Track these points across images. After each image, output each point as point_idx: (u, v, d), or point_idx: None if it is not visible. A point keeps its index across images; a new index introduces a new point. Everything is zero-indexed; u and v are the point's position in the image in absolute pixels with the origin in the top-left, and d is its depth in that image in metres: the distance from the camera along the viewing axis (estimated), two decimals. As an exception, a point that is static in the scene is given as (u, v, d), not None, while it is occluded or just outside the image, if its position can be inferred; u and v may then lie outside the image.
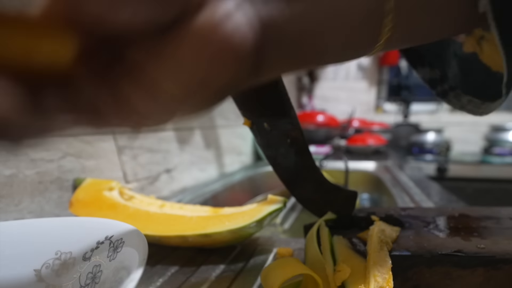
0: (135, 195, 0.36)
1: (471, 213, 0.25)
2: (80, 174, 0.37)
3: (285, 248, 0.29)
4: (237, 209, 0.32)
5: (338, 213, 0.26)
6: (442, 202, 0.45)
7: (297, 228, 0.54)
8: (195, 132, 0.63)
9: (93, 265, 0.19)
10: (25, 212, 0.30)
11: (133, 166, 0.46)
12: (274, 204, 0.29)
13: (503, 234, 0.21)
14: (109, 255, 0.19)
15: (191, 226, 0.28)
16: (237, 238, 0.28)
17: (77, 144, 0.36)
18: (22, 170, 0.30)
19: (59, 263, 0.19)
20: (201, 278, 0.25)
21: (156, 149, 0.51)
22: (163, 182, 0.53)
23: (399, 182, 0.61)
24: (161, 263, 0.28)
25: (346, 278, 0.18)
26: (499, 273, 0.18)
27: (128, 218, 0.30)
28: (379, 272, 0.17)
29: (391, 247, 0.20)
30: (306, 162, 0.25)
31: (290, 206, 0.59)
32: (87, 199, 0.32)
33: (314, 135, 1.07)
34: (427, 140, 1.44)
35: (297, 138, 0.24)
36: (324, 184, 0.25)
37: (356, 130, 1.34)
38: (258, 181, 0.79)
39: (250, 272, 0.26)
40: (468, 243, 0.20)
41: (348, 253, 0.21)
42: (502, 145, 1.39)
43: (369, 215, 0.25)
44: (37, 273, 0.18)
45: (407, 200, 0.47)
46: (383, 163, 0.84)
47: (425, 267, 0.19)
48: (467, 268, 0.19)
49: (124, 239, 0.19)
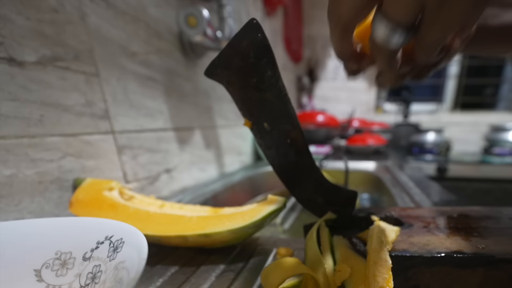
0: (135, 195, 0.36)
1: (471, 213, 0.25)
2: (80, 174, 0.37)
3: (285, 248, 0.29)
4: (237, 209, 0.32)
5: (338, 213, 0.26)
6: (442, 202, 0.45)
7: (297, 228, 0.54)
8: (195, 132, 0.63)
9: (93, 265, 0.19)
10: (25, 212, 0.30)
11: (133, 166, 0.46)
12: (274, 204, 0.29)
13: (503, 234, 0.21)
14: (109, 255, 0.19)
15: (191, 226, 0.28)
16: (237, 238, 0.28)
17: (77, 144, 0.36)
18: (22, 170, 0.30)
19: (59, 263, 0.19)
20: (201, 278, 0.25)
21: (156, 149, 0.51)
22: (163, 182, 0.53)
23: (399, 182, 0.61)
24: (161, 263, 0.28)
25: (346, 278, 0.18)
26: (499, 273, 0.18)
27: (128, 218, 0.30)
28: (379, 272, 0.17)
29: (391, 247, 0.20)
30: (306, 162, 0.25)
31: (290, 206, 0.59)
32: (87, 199, 0.32)
33: (314, 135, 1.07)
34: (427, 140, 1.44)
35: (297, 138, 0.24)
36: (324, 184, 0.25)
37: (356, 130, 1.34)
38: (258, 181, 0.79)
39: (250, 272, 0.26)
40: (468, 243, 0.20)
41: (348, 253, 0.21)
42: (502, 145, 1.39)
43: (369, 215, 0.25)
44: (37, 273, 0.18)
45: (407, 200, 0.47)
46: (383, 163, 0.84)
47: (425, 267, 0.19)
48: (467, 268, 0.19)
49: (124, 239, 0.19)
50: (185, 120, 0.60)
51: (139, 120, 0.47)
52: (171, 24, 0.55)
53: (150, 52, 0.50)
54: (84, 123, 0.37)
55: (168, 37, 0.55)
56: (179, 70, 0.58)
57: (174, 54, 0.56)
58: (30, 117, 0.31)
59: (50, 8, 0.33)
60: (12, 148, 0.29)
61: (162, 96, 0.53)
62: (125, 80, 0.44)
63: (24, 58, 0.30)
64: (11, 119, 0.29)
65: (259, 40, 0.20)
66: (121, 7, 0.43)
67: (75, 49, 0.36)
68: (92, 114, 0.38)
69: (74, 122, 0.36)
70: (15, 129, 0.29)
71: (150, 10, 0.50)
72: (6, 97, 0.29)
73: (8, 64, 0.29)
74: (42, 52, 0.32)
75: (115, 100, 0.42)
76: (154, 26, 0.51)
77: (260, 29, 0.20)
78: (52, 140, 0.33)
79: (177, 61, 0.57)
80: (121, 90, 0.44)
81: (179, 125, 0.58)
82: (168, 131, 0.55)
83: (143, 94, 0.48)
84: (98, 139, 0.39)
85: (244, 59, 0.21)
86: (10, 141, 0.29)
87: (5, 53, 0.29)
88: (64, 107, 0.34)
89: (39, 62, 0.32)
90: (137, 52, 0.47)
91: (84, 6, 0.37)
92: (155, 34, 0.51)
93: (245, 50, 0.21)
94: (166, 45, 0.54)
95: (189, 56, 0.61)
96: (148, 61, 0.49)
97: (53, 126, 0.33)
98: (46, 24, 0.32)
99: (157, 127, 0.52)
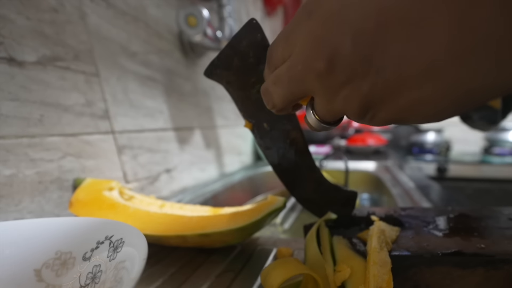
0: (135, 195, 0.36)
1: (471, 213, 0.25)
2: (80, 174, 0.37)
3: (285, 248, 0.29)
4: (237, 209, 0.32)
5: (338, 213, 0.26)
6: (442, 202, 0.45)
7: (297, 228, 0.54)
8: (195, 132, 0.63)
9: (93, 265, 0.19)
10: (25, 212, 0.30)
11: (133, 166, 0.46)
12: (274, 204, 0.29)
13: (503, 234, 0.21)
14: (109, 255, 0.19)
15: (191, 226, 0.28)
16: (237, 238, 0.28)
17: (77, 144, 0.36)
18: (22, 170, 0.30)
19: (59, 263, 0.19)
20: (201, 278, 0.25)
21: (156, 149, 0.51)
22: (163, 182, 0.53)
23: (399, 182, 0.61)
24: (161, 263, 0.28)
25: (346, 278, 0.18)
26: (499, 273, 0.18)
27: (128, 218, 0.30)
28: (379, 272, 0.17)
29: (391, 247, 0.20)
30: (306, 162, 0.25)
31: (290, 206, 0.58)
32: (87, 199, 0.32)
33: (314, 135, 1.07)
34: (427, 140, 1.44)
35: (297, 138, 0.24)
36: (324, 184, 0.25)
37: (356, 130, 1.34)
38: (258, 181, 0.79)
39: (250, 272, 0.26)
40: (468, 243, 0.20)
41: (348, 253, 0.21)
42: (502, 145, 1.39)
43: (369, 215, 0.25)
44: (37, 273, 0.18)
45: (407, 200, 0.47)
46: (383, 163, 0.84)
47: (425, 267, 0.19)
48: (467, 268, 0.19)
49: (124, 239, 0.19)
50: (185, 120, 0.60)
51: (139, 120, 0.47)
52: (171, 24, 0.55)
53: (150, 52, 0.50)
54: (84, 123, 0.37)
55: (168, 37, 0.55)
56: (179, 70, 0.58)
57: (174, 54, 0.56)
58: (30, 117, 0.31)
59: (50, 8, 0.33)
60: (12, 148, 0.29)
61: (162, 96, 0.53)
62: (125, 80, 0.44)
63: (24, 58, 0.30)
64: (11, 119, 0.29)
65: (258, 40, 0.20)
66: (121, 7, 0.43)
67: (75, 49, 0.36)
68: (92, 114, 0.38)
69: (74, 122, 0.36)
70: (15, 129, 0.29)
71: (150, 10, 0.50)
72: (6, 97, 0.29)
73: (8, 64, 0.29)
74: (42, 52, 0.32)
75: (115, 100, 0.42)
76: (154, 26, 0.51)
77: (260, 29, 0.20)
78: (52, 140, 0.33)
79: (177, 61, 0.57)
80: (121, 90, 0.44)
81: (179, 125, 0.58)
82: (168, 131, 0.55)
83: (143, 94, 0.48)
84: (98, 139, 0.39)
85: (243, 59, 0.21)
86: (10, 141, 0.29)
87: (5, 53, 0.29)
88: (64, 107, 0.34)
89: (39, 62, 0.32)
90: (137, 52, 0.47)
91: (84, 6, 0.37)
92: (155, 34, 0.51)
93: (245, 50, 0.21)
94: (166, 45, 0.54)
95: (189, 56, 0.61)
96: (148, 61, 0.49)
97: (53, 126, 0.33)
98: (46, 24, 0.32)
99: (157, 127, 0.52)
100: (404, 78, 0.12)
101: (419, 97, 0.12)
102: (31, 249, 0.19)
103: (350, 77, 0.13)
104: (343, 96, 0.14)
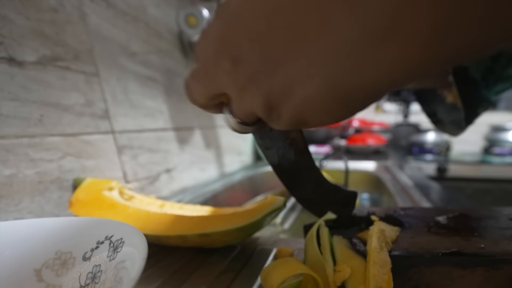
0: (135, 195, 0.36)
1: (471, 213, 0.25)
2: (80, 174, 0.37)
3: (285, 248, 0.29)
4: (237, 209, 0.32)
5: (338, 213, 0.26)
6: (442, 202, 0.45)
7: (297, 228, 0.54)
8: (195, 132, 0.63)
9: (93, 265, 0.19)
10: (25, 212, 0.30)
11: (133, 166, 0.46)
12: (274, 204, 0.29)
13: (503, 234, 0.21)
14: (109, 255, 0.19)
15: (191, 226, 0.28)
16: (237, 238, 0.28)
17: (77, 144, 0.36)
18: (22, 170, 0.30)
19: (59, 263, 0.19)
20: (201, 278, 0.25)
21: (156, 149, 0.51)
22: (163, 182, 0.53)
23: (399, 182, 0.61)
24: (161, 263, 0.28)
25: (346, 278, 0.18)
26: (499, 273, 0.18)
27: (128, 218, 0.30)
28: (379, 272, 0.17)
29: (391, 247, 0.20)
30: (306, 162, 0.25)
31: (290, 206, 0.58)
32: (87, 199, 0.32)
33: (314, 135, 1.07)
34: (427, 140, 1.44)
35: (297, 138, 0.24)
36: (324, 184, 0.25)
37: (356, 130, 1.34)
38: (258, 181, 0.79)
39: (250, 272, 0.26)
40: (468, 243, 0.20)
41: (348, 253, 0.21)
42: (502, 145, 1.39)
43: (369, 215, 0.25)
44: (37, 273, 0.18)
45: (407, 200, 0.47)
46: (383, 163, 0.84)
47: (425, 267, 0.19)
48: (467, 268, 0.19)
49: (124, 239, 0.19)
50: (185, 120, 0.60)
51: (139, 120, 0.47)
52: (171, 24, 0.55)
53: (150, 52, 0.50)
54: (84, 123, 0.37)
55: (168, 37, 0.55)
56: (179, 70, 0.58)
57: (174, 54, 0.56)
58: (30, 117, 0.31)
59: (50, 8, 0.33)
60: (12, 148, 0.29)
61: (162, 96, 0.53)
62: (125, 80, 0.44)
63: (24, 58, 0.30)
64: (11, 119, 0.29)
65: None
66: (121, 7, 0.43)
67: (75, 49, 0.36)
68: (92, 114, 0.38)
69: (74, 122, 0.36)
70: (15, 129, 0.29)
71: (150, 10, 0.50)
72: (6, 97, 0.29)
73: (8, 64, 0.29)
74: (42, 52, 0.32)
75: (115, 100, 0.42)
76: (154, 26, 0.51)
77: None
78: (52, 140, 0.33)
79: (177, 61, 0.57)
80: (121, 90, 0.44)
81: (179, 125, 0.58)
82: (168, 131, 0.55)
83: (143, 94, 0.48)
84: (98, 139, 0.39)
85: None
86: (10, 141, 0.29)
87: (5, 53, 0.29)
88: (64, 107, 0.34)
89: (39, 62, 0.32)
90: (137, 52, 0.47)
91: (84, 6, 0.37)
92: (155, 34, 0.51)
93: None
94: (166, 45, 0.54)
95: (189, 56, 0.61)
96: (148, 61, 0.49)
97: (53, 126, 0.33)
98: (46, 24, 0.32)
99: (157, 127, 0.52)
100: (291, 77, 0.12)
101: (306, 95, 0.12)
102: (31, 249, 0.19)
103: (254, 75, 0.13)
104: (250, 93, 0.14)
